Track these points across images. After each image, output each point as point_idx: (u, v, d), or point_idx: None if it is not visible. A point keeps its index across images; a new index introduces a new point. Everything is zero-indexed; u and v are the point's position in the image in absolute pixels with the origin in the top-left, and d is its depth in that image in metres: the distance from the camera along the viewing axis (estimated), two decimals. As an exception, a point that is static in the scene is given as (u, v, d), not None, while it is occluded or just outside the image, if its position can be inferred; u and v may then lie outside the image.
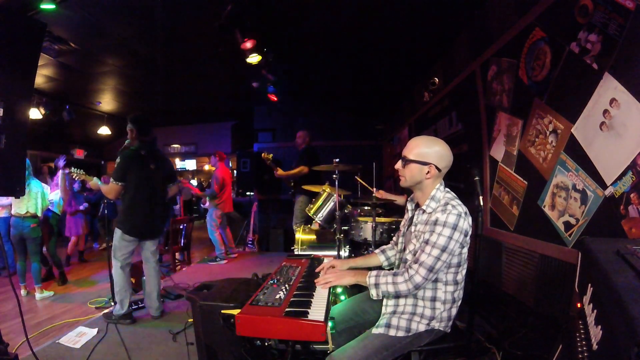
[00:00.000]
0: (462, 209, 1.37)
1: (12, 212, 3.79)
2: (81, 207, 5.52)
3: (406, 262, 1.48)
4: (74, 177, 3.19)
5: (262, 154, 4.74)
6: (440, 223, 1.34)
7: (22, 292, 3.89)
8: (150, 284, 3.02)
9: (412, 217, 1.61)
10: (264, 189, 6.81)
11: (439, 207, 1.40)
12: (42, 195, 3.92)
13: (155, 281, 3.04)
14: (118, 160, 2.82)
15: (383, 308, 1.51)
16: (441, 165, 1.43)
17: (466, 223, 1.36)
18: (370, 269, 1.68)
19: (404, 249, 1.62)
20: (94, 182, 3.05)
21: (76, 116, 6.54)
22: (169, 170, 3.12)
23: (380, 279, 1.40)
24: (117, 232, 2.86)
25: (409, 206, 1.66)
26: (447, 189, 1.48)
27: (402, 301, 1.46)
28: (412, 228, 1.51)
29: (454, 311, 1.46)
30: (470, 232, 1.40)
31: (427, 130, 4.45)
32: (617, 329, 0.73)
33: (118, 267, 2.88)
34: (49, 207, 4.24)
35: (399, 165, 1.50)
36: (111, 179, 2.81)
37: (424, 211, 1.46)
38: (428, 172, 1.43)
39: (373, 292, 1.40)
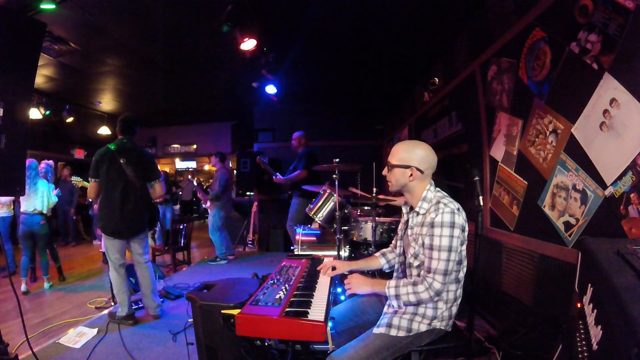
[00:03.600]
0: (454, 205, 1.39)
1: (21, 209, 4.00)
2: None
3: (410, 266, 1.48)
4: (75, 184, 3.26)
5: (257, 158, 4.71)
6: (438, 224, 1.35)
7: (23, 287, 3.99)
8: (143, 285, 3.02)
9: (407, 220, 1.61)
10: (264, 189, 6.80)
11: (431, 207, 1.41)
12: (47, 194, 4.13)
13: (147, 282, 3.01)
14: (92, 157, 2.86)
15: (385, 307, 1.51)
16: (423, 167, 1.46)
17: (461, 218, 1.37)
18: (371, 272, 1.68)
19: (403, 252, 1.63)
20: None
21: (76, 116, 6.54)
22: (149, 167, 2.98)
23: (400, 289, 1.40)
24: (103, 233, 2.88)
25: (404, 209, 1.67)
26: (437, 189, 1.50)
27: None
28: (409, 231, 1.52)
29: (454, 310, 1.47)
30: (466, 227, 1.41)
31: (427, 130, 4.45)
32: (617, 329, 0.73)
33: (112, 269, 2.88)
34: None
35: (385, 171, 1.54)
36: (89, 178, 2.84)
37: (417, 213, 1.48)
38: (411, 174, 1.46)
39: (394, 303, 1.42)
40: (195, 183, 5.95)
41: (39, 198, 4.01)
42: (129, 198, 2.85)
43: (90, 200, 3.19)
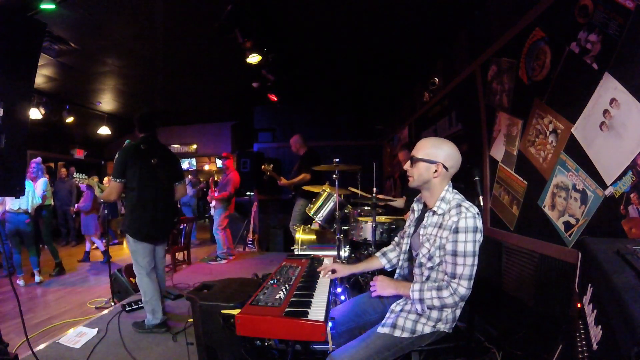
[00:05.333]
0: (475, 209, 1.37)
1: (7, 208, 4.18)
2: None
3: (421, 266, 1.47)
4: (77, 182, 3.22)
5: (262, 166, 4.74)
6: (462, 230, 1.33)
7: (21, 282, 4.31)
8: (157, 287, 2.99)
9: (419, 218, 1.60)
10: (264, 189, 6.81)
11: (451, 209, 1.39)
12: (32, 194, 4.34)
13: (162, 285, 2.96)
14: (116, 156, 2.62)
15: (393, 305, 1.51)
16: (448, 164, 1.44)
17: (480, 222, 1.36)
18: (373, 272, 1.67)
19: (409, 250, 1.62)
20: (97, 191, 3.10)
21: (76, 116, 6.54)
22: (175, 167, 2.92)
23: (424, 294, 1.39)
24: (129, 238, 2.69)
25: (416, 206, 1.65)
26: (455, 190, 1.48)
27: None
28: (422, 230, 1.49)
29: (458, 312, 1.47)
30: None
31: (427, 130, 4.46)
32: (617, 329, 0.73)
33: (144, 275, 2.69)
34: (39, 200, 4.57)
35: (407, 165, 1.51)
36: (111, 178, 2.64)
37: (434, 212, 1.45)
38: (436, 170, 1.43)
39: (418, 307, 1.40)
40: (195, 181, 6.02)
41: (24, 198, 4.20)
42: (159, 200, 2.71)
43: (102, 201, 3.12)
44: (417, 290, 1.40)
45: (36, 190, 4.51)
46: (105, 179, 6.68)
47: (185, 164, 10.15)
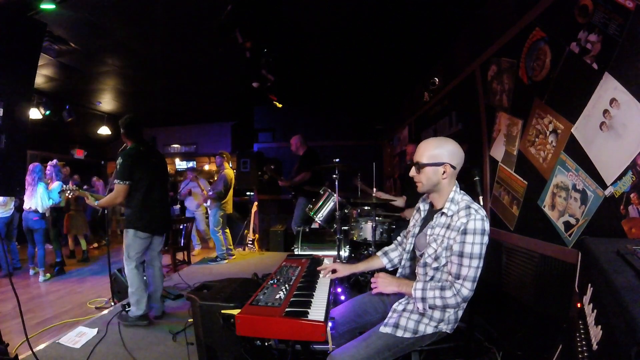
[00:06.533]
0: (483, 211, 1.37)
1: (23, 207, 4.56)
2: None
3: (425, 266, 1.47)
4: (67, 195, 3.23)
5: (264, 167, 4.80)
6: (470, 231, 1.33)
7: (32, 272, 4.75)
8: (155, 284, 3.05)
9: (425, 218, 1.59)
10: (264, 189, 6.81)
11: (460, 210, 1.38)
12: (42, 196, 4.57)
13: (160, 281, 3.08)
14: (120, 160, 2.78)
15: (395, 304, 1.50)
16: (455, 163, 1.44)
17: (488, 225, 1.36)
18: (373, 272, 1.67)
19: (413, 249, 1.61)
20: (91, 200, 3.07)
21: (76, 116, 6.54)
22: (166, 165, 3.25)
23: (427, 292, 1.38)
24: (130, 232, 2.83)
25: (422, 206, 1.64)
26: (462, 192, 1.48)
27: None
28: (429, 231, 1.48)
29: (460, 313, 1.46)
30: None
31: (427, 130, 4.46)
32: (617, 329, 0.73)
33: (133, 266, 2.86)
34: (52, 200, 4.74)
35: (413, 172, 1.48)
36: (116, 181, 2.76)
37: (443, 213, 1.44)
38: (444, 172, 1.42)
39: (420, 306, 1.40)
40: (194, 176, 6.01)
41: (36, 198, 4.51)
42: (162, 196, 3.01)
43: (100, 206, 3.04)
44: (419, 289, 1.40)
45: (50, 192, 4.67)
46: (94, 180, 6.71)
47: (185, 164, 10.15)
